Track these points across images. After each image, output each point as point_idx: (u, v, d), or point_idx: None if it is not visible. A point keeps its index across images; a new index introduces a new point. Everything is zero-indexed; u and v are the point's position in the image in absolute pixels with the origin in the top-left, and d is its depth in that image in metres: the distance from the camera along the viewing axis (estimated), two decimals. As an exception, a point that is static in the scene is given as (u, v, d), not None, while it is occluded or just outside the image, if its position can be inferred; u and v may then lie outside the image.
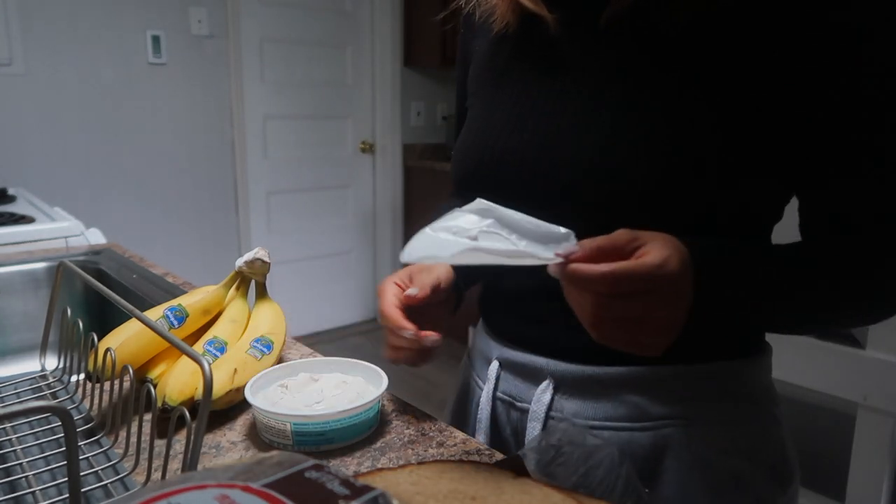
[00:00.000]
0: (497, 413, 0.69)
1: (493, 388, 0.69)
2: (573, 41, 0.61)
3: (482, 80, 0.69)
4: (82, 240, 1.43)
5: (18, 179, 2.43)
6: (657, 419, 0.61)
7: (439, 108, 3.82)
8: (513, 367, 0.68)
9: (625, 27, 0.58)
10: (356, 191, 3.68)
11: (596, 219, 0.54)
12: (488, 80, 0.68)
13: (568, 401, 0.63)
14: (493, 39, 0.68)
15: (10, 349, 1.01)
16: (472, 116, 0.70)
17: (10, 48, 2.52)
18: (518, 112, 0.63)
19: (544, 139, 0.60)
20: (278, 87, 3.27)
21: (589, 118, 0.58)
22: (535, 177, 0.61)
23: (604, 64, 0.59)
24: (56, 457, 0.61)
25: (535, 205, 0.56)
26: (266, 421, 0.60)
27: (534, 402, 0.64)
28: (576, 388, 0.63)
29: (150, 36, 2.82)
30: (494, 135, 0.64)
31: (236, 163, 3.16)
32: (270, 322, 0.78)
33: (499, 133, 0.64)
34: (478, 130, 0.67)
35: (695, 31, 0.56)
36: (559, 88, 0.61)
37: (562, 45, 0.61)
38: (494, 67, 0.67)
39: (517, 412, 0.67)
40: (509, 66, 0.66)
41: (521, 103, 0.63)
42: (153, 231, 2.96)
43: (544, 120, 0.61)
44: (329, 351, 3.27)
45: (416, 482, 0.46)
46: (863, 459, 1.53)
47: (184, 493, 0.28)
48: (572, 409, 0.63)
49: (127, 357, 0.68)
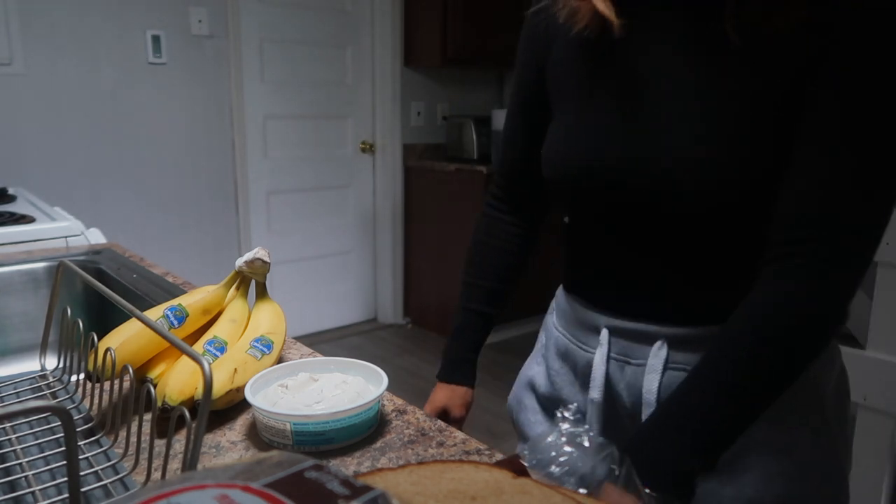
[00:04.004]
0: (610, 371, 0.74)
1: (606, 350, 0.74)
2: (658, 50, 0.65)
3: (568, 86, 0.73)
4: (82, 240, 1.43)
5: (18, 179, 2.43)
6: None
7: (439, 108, 3.82)
8: (624, 333, 0.73)
9: (708, 38, 0.62)
10: (356, 191, 3.68)
11: (677, 223, 0.65)
12: (575, 87, 0.72)
13: (681, 354, 0.70)
14: (574, 46, 0.71)
15: (10, 349, 1.01)
16: (560, 122, 0.74)
17: (10, 48, 2.52)
18: (606, 119, 0.68)
19: (632, 146, 0.66)
20: (278, 87, 3.27)
21: (676, 126, 0.63)
22: (622, 182, 0.66)
23: (689, 73, 0.63)
24: (56, 457, 0.61)
25: (623, 209, 0.68)
26: (266, 421, 0.60)
27: (651, 358, 0.71)
28: (688, 343, 0.69)
29: (150, 36, 2.82)
30: (583, 142, 0.70)
31: (236, 163, 3.16)
32: (270, 322, 0.78)
33: (587, 140, 0.69)
34: (567, 136, 0.73)
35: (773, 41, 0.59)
36: (647, 97, 0.65)
37: (648, 53, 0.65)
38: (580, 75, 0.71)
39: (632, 367, 0.73)
40: (596, 74, 0.70)
41: (609, 110, 0.68)
42: (153, 231, 2.96)
43: (632, 127, 0.66)
44: (329, 351, 3.27)
45: (416, 482, 0.46)
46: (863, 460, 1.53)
47: (184, 493, 0.28)
48: (686, 360, 0.69)
49: (127, 357, 0.68)
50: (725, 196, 0.62)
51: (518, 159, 0.85)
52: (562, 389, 0.81)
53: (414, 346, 3.52)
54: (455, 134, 3.68)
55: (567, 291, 0.82)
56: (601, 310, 0.75)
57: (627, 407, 0.74)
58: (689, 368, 0.68)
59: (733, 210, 0.63)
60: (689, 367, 0.69)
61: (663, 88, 0.64)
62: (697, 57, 0.63)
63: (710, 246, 0.67)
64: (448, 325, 3.96)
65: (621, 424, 0.75)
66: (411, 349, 3.48)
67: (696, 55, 0.63)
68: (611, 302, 0.74)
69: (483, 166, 3.29)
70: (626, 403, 0.74)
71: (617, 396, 0.75)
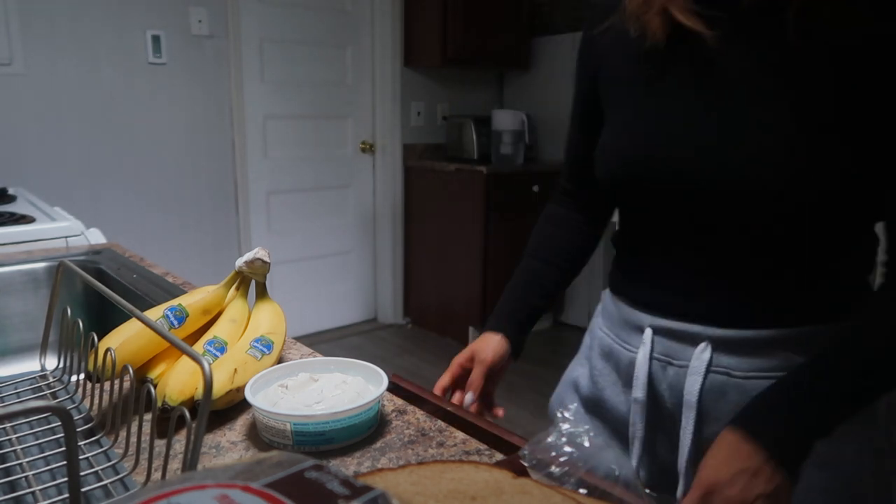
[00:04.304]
0: (652, 371, 0.75)
1: (649, 350, 0.74)
2: (719, 52, 0.66)
3: (627, 89, 0.75)
4: (82, 240, 1.43)
5: (18, 179, 2.43)
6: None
7: (439, 108, 3.82)
8: (668, 333, 0.73)
9: (768, 39, 0.64)
10: (356, 191, 3.68)
11: (735, 217, 0.65)
12: (633, 89, 0.74)
13: (725, 357, 0.70)
14: (635, 52, 0.73)
15: (10, 349, 1.01)
16: (618, 122, 0.75)
17: (10, 48, 2.52)
18: (664, 118, 0.69)
19: (680, 149, 0.67)
20: (278, 87, 3.27)
21: (723, 130, 0.65)
22: (681, 179, 0.67)
23: (740, 76, 0.65)
24: (56, 457, 0.61)
25: (678, 201, 0.68)
26: (266, 421, 0.60)
27: (694, 359, 0.71)
28: (732, 346, 0.69)
29: (150, 36, 2.82)
30: (632, 143, 0.72)
31: (236, 163, 3.16)
32: (270, 322, 0.78)
33: (636, 142, 0.71)
34: (617, 138, 0.74)
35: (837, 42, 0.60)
36: (705, 97, 0.67)
37: (707, 55, 0.66)
38: (639, 77, 0.73)
39: (674, 368, 0.73)
40: (648, 78, 0.72)
41: (667, 110, 0.69)
42: (153, 231, 2.96)
43: (681, 131, 0.67)
44: (329, 351, 3.27)
45: (416, 482, 0.46)
46: None
47: (184, 493, 0.28)
48: (730, 364, 0.69)
49: (127, 357, 0.68)
50: (798, 195, 0.62)
51: (580, 165, 0.88)
52: (604, 390, 0.81)
53: (414, 346, 3.52)
54: (455, 134, 3.68)
55: (613, 292, 0.82)
56: (645, 309, 0.76)
57: (669, 408, 0.74)
58: (733, 373, 0.69)
59: (803, 211, 0.63)
60: (733, 371, 0.69)
61: (730, 79, 0.65)
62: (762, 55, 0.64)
63: (767, 249, 0.67)
64: (448, 326, 3.94)
65: (664, 425, 0.75)
66: (411, 349, 3.48)
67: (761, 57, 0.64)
68: (655, 300, 0.75)
69: (483, 166, 3.29)
70: (668, 404, 0.74)
71: (659, 396, 0.75)
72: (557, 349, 3.45)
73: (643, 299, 0.76)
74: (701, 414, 0.70)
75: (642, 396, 0.74)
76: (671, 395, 0.73)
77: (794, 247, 0.66)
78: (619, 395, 0.80)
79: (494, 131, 3.50)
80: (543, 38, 3.77)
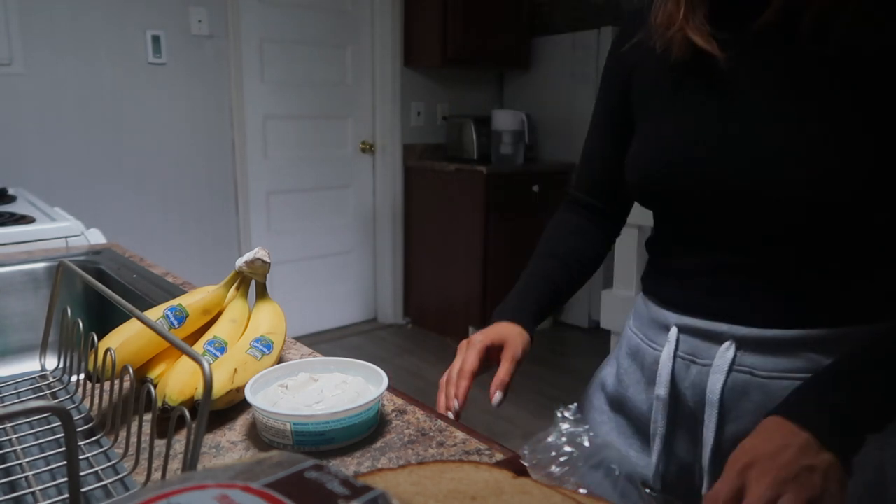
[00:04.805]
0: (676, 369, 0.75)
1: (673, 348, 0.75)
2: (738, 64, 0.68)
3: (652, 99, 0.78)
4: (82, 240, 1.43)
5: (18, 179, 2.43)
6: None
7: (439, 108, 3.82)
8: (692, 332, 0.74)
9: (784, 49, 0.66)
10: (356, 191, 3.68)
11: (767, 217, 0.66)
12: (658, 99, 0.77)
13: (749, 356, 0.70)
14: (660, 65, 0.75)
15: (10, 349, 1.01)
16: (651, 129, 0.78)
17: (10, 48, 2.52)
18: (697, 123, 0.71)
19: (713, 150, 0.69)
20: (278, 87, 3.27)
21: (754, 131, 0.66)
22: (705, 184, 0.69)
23: (767, 82, 0.67)
24: (56, 457, 0.61)
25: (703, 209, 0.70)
26: (266, 421, 0.60)
27: (717, 358, 0.71)
28: (757, 346, 0.69)
29: (150, 36, 2.82)
30: (665, 147, 0.73)
31: (236, 163, 3.16)
32: (270, 322, 0.78)
33: (670, 145, 0.73)
34: (650, 143, 0.76)
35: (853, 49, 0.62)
36: (727, 105, 0.69)
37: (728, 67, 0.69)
38: (664, 88, 0.76)
39: (697, 367, 0.73)
40: (679, 87, 0.74)
41: (690, 119, 0.72)
42: (153, 231, 2.96)
43: (713, 133, 0.69)
44: (329, 351, 3.27)
45: (416, 482, 0.46)
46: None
47: (184, 493, 0.28)
48: (753, 363, 0.69)
49: (127, 357, 0.68)
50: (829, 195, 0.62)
51: (600, 175, 0.90)
52: (628, 388, 0.82)
53: (414, 346, 3.52)
54: (455, 134, 3.68)
55: (644, 293, 0.84)
56: (672, 307, 0.76)
57: (691, 406, 0.74)
58: (756, 372, 0.69)
59: (834, 212, 0.63)
60: (756, 370, 0.69)
61: (757, 85, 0.67)
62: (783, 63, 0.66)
63: (798, 249, 0.67)
64: (448, 325, 3.94)
65: (685, 424, 0.75)
66: (411, 349, 3.48)
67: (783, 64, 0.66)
68: (682, 299, 0.75)
69: (483, 166, 3.29)
70: (690, 403, 0.74)
71: (681, 395, 0.75)
72: (557, 349, 3.45)
73: (671, 298, 0.77)
74: (722, 413, 0.70)
75: (664, 394, 0.75)
76: (693, 393, 0.74)
77: (826, 248, 0.66)
78: (641, 392, 0.80)
79: (494, 131, 3.50)
80: (543, 38, 3.77)
